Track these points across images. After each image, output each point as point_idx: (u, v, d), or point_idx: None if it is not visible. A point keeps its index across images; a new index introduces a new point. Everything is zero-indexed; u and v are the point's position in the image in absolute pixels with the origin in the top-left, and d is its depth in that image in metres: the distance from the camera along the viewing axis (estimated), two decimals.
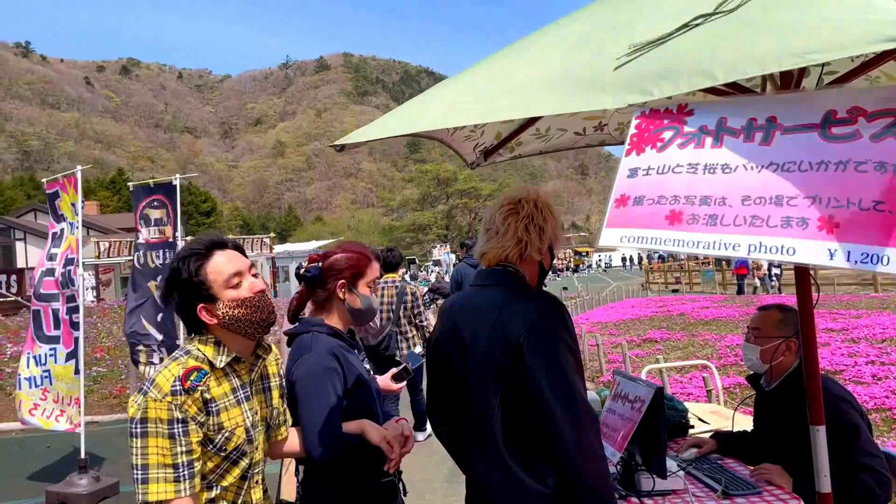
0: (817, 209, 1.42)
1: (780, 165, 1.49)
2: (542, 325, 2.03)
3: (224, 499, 2.00)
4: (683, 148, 1.63)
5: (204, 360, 1.97)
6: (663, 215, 1.62)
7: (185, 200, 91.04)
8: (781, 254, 1.44)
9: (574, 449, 1.95)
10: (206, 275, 1.94)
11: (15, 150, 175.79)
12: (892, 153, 1.38)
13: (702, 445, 3.27)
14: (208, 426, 1.91)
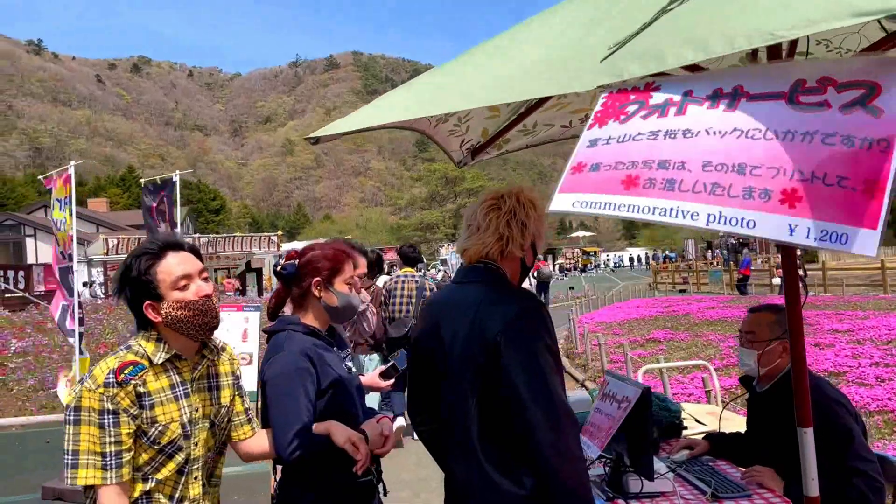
0: (781, 181, 1.35)
1: (745, 132, 1.42)
2: (521, 324, 1.99)
3: (161, 492, 2.05)
4: (647, 119, 1.56)
5: (144, 355, 2.03)
6: (619, 180, 1.54)
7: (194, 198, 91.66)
8: (741, 226, 1.37)
9: (551, 450, 1.91)
10: (155, 274, 2.02)
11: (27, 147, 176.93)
12: (860, 127, 1.32)
13: (694, 447, 3.22)
14: (142, 419, 1.98)
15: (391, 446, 2.45)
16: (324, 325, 2.52)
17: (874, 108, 1.32)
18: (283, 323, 2.47)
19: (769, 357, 2.97)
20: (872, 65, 1.37)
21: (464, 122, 3.02)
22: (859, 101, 1.33)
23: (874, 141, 1.30)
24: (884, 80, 1.33)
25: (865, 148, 1.30)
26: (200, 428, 2.14)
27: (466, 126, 3.07)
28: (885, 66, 1.35)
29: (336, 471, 2.32)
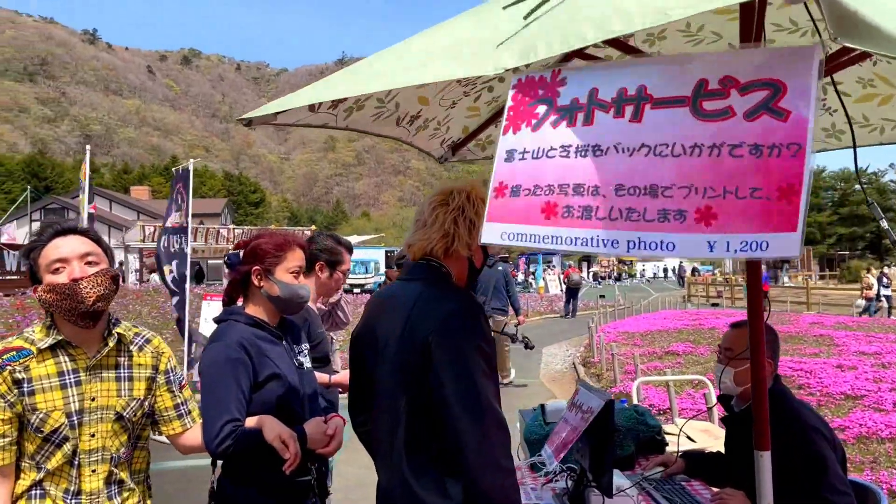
0: (694, 200, 1.31)
1: (653, 148, 1.36)
2: (454, 324, 1.90)
3: (54, 483, 2.01)
4: (556, 127, 1.51)
5: (32, 341, 2.01)
6: (539, 208, 1.52)
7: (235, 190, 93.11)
8: (661, 249, 1.34)
9: (475, 459, 1.81)
10: (37, 258, 2.01)
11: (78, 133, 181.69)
12: (767, 133, 1.24)
13: (669, 464, 3.09)
14: (23, 406, 1.95)
15: (336, 446, 2.38)
16: (271, 316, 2.46)
17: (779, 111, 1.24)
18: (227, 313, 2.43)
19: (746, 376, 2.83)
20: (776, 59, 1.28)
21: (443, 124, 2.95)
22: (763, 105, 1.26)
23: (783, 146, 1.22)
24: (788, 79, 1.24)
25: (775, 155, 1.23)
26: (98, 419, 2.06)
27: (446, 127, 2.99)
28: (788, 61, 1.26)
29: (271, 468, 2.27)
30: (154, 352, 2.24)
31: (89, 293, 1.96)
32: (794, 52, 1.26)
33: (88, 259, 2.02)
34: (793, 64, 1.25)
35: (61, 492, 2.00)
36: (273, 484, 2.30)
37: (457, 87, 2.62)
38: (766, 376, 2.81)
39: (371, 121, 2.57)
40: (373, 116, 2.55)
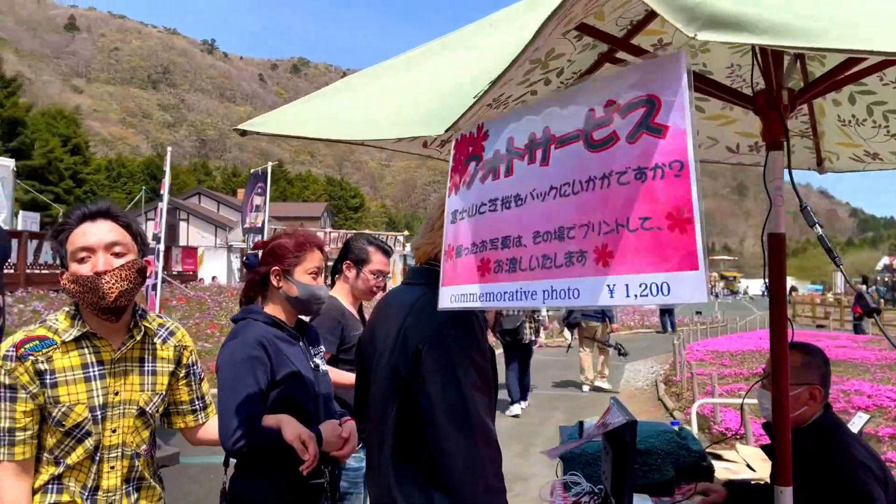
0: (592, 238, 1.23)
1: (559, 189, 1.31)
2: (446, 333, 1.83)
3: (73, 478, 1.94)
4: (484, 182, 1.50)
5: (56, 331, 1.93)
6: (475, 266, 1.51)
7: (335, 195, 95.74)
8: (569, 297, 1.27)
9: (462, 473, 1.74)
10: (64, 242, 1.92)
11: (194, 138, 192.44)
12: (648, 154, 1.13)
13: (709, 493, 2.89)
14: (46, 398, 1.88)
15: (350, 450, 2.36)
16: (289, 316, 2.46)
17: (657, 127, 1.13)
18: (245, 312, 2.45)
19: (792, 404, 2.61)
20: (648, 73, 1.17)
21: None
22: (642, 124, 1.15)
23: (665, 166, 1.11)
24: (660, 91, 1.13)
25: (659, 177, 1.12)
26: (119, 414, 1.99)
27: None
28: (659, 74, 1.15)
29: (285, 468, 2.27)
30: (177, 345, 2.18)
31: (112, 288, 1.87)
32: (662, 63, 1.15)
33: (115, 249, 1.92)
34: (663, 75, 1.14)
35: (79, 487, 1.94)
36: (286, 485, 2.29)
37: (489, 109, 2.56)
38: (808, 404, 2.60)
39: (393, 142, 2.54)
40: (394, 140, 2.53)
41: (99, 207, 1.96)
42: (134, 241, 1.98)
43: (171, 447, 6.51)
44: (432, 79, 1.70)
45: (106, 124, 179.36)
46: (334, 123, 1.81)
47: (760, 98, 1.88)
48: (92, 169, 60.45)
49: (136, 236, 2.00)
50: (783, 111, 1.86)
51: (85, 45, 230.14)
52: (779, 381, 1.94)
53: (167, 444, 6.62)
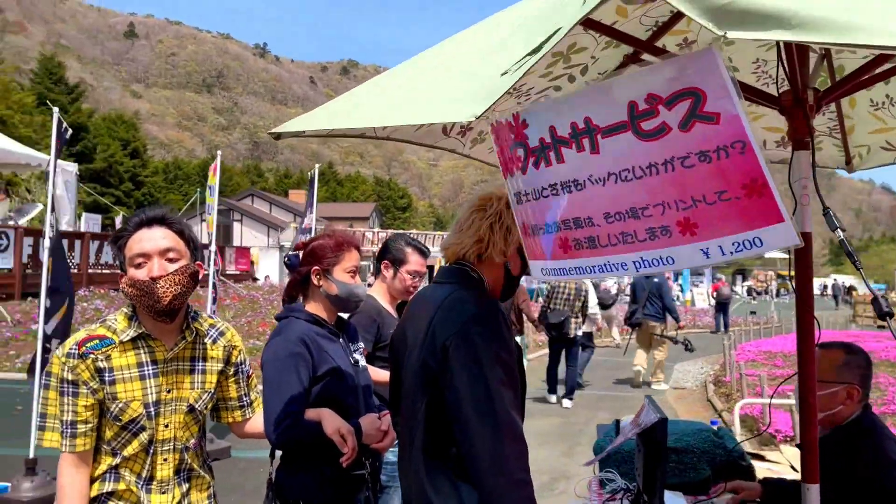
0: (671, 215, 1.34)
1: (618, 175, 1.40)
2: (472, 330, 1.87)
3: (129, 468, 2.06)
4: (538, 168, 1.57)
5: (114, 331, 2.05)
6: (557, 244, 1.60)
7: (384, 195, 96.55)
8: (665, 264, 1.39)
9: (488, 467, 1.78)
10: (123, 248, 2.03)
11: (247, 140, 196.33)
12: (706, 139, 1.24)
13: (740, 491, 2.89)
14: (105, 394, 2.00)
15: (390, 442, 2.44)
16: (329, 314, 2.56)
17: (709, 115, 1.23)
18: (287, 310, 2.55)
19: (829, 401, 2.60)
20: (684, 67, 1.25)
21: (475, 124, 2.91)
22: (692, 114, 1.25)
23: (728, 147, 1.21)
24: (702, 84, 1.23)
25: (724, 157, 1.22)
26: (171, 410, 2.10)
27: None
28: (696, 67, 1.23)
29: (327, 460, 2.36)
30: (227, 345, 2.28)
31: (166, 293, 1.98)
32: (696, 58, 1.23)
33: (169, 255, 2.02)
34: (700, 68, 1.22)
35: (134, 476, 2.06)
36: (329, 476, 2.38)
37: (508, 98, 2.61)
38: (845, 403, 2.58)
39: (413, 132, 2.60)
40: (416, 128, 2.59)
41: (154, 214, 2.07)
42: (187, 246, 2.09)
43: (224, 441, 6.73)
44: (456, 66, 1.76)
45: (163, 128, 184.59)
46: (358, 113, 1.88)
47: (785, 98, 1.89)
48: (150, 171, 62.29)
49: (189, 241, 2.11)
50: (809, 111, 1.86)
51: (143, 51, 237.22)
52: (805, 379, 1.95)
53: (220, 438, 6.84)
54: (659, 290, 11.19)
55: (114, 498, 2.05)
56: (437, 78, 1.76)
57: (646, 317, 11.26)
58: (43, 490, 5.08)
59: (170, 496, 2.10)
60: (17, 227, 14.93)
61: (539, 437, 7.89)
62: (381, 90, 1.95)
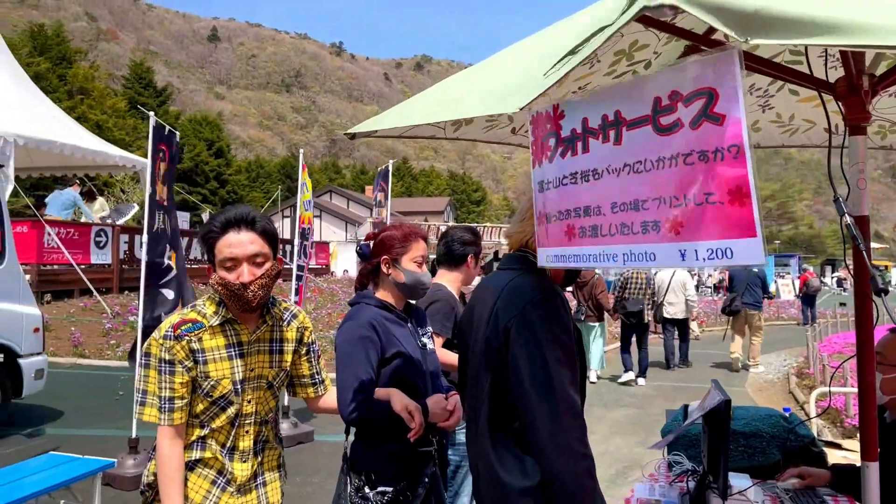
0: (664, 210, 1.42)
1: (632, 167, 1.49)
2: (533, 312, 1.99)
3: (215, 439, 2.27)
4: (564, 157, 1.67)
5: (204, 315, 2.25)
6: (563, 231, 1.71)
7: (458, 189, 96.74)
8: (646, 260, 1.47)
9: (548, 443, 1.89)
10: (212, 248, 2.19)
11: (325, 138, 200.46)
12: (709, 139, 1.32)
13: (806, 476, 2.90)
14: (198, 373, 2.20)
15: (455, 421, 2.59)
16: (397, 300, 2.73)
17: (716, 116, 1.31)
18: (359, 296, 2.74)
19: (893, 385, 2.60)
20: (706, 68, 1.33)
21: None
22: (703, 113, 1.33)
23: (724, 149, 1.30)
24: (718, 85, 1.30)
25: (719, 159, 1.30)
26: (254, 387, 2.30)
27: None
28: (716, 69, 1.31)
29: (396, 437, 2.54)
30: (299, 326, 2.46)
31: (255, 296, 2.17)
32: (719, 59, 1.29)
33: (257, 260, 2.18)
34: (720, 70, 1.29)
35: (219, 446, 2.27)
36: (397, 452, 2.54)
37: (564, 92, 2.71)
38: None
39: (483, 132, 2.73)
40: (484, 129, 2.72)
41: (241, 215, 2.20)
42: (270, 245, 2.23)
43: (307, 426, 7.06)
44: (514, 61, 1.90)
45: (245, 128, 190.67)
46: (418, 111, 2.04)
47: (840, 85, 1.93)
48: (233, 170, 64.45)
49: (272, 240, 2.25)
50: (864, 97, 1.90)
51: (226, 54, 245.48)
52: (863, 358, 1.99)
53: (304, 423, 7.18)
54: (761, 280, 12.09)
55: (200, 464, 2.26)
56: (494, 76, 1.89)
57: (745, 305, 11.95)
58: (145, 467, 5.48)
59: (249, 464, 2.32)
60: (114, 225, 15.85)
61: (615, 427, 7.91)
62: (444, 90, 2.09)
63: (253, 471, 2.33)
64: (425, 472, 2.61)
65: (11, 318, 6.67)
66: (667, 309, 12.17)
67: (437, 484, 2.65)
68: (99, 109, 43.22)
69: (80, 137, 12.48)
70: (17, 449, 6.22)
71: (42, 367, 7.06)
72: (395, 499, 2.49)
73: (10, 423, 6.91)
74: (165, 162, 5.93)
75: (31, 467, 4.40)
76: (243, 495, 2.31)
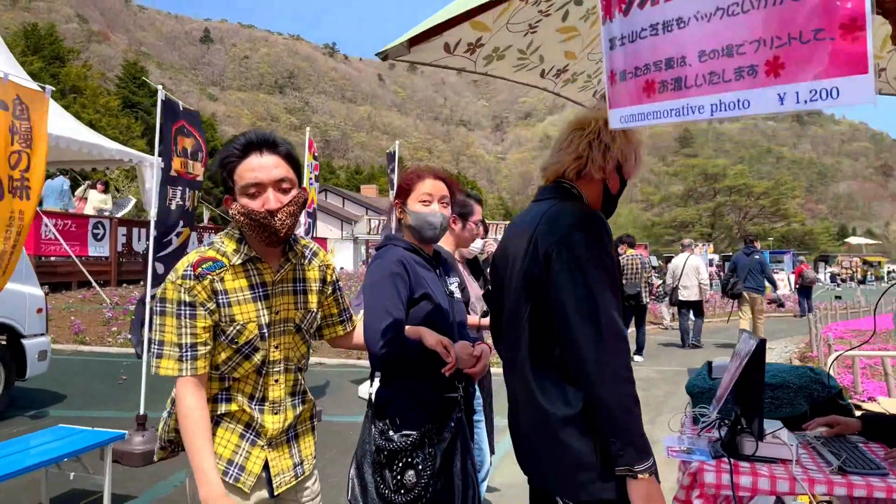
0: (763, 53, 1.33)
1: (726, 10, 1.39)
2: (574, 236, 1.93)
3: (240, 391, 2.08)
4: (643, 7, 1.56)
5: (224, 254, 2.03)
6: (641, 88, 1.59)
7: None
8: (738, 108, 1.37)
9: (593, 366, 1.83)
10: (231, 173, 2.00)
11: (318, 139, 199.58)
12: None
13: (835, 425, 2.86)
14: (221, 316, 1.99)
15: (482, 368, 2.54)
16: (420, 244, 2.69)
17: None
18: (386, 238, 2.70)
19: None
20: None
21: (594, 77, 2.96)
22: None
23: None
24: None
25: None
26: (280, 331, 2.12)
27: (598, 79, 3.00)
28: None
29: (423, 380, 2.49)
30: (321, 264, 2.29)
31: (283, 224, 1.99)
32: None
33: (283, 185, 2.00)
34: None
35: (246, 398, 2.08)
36: (425, 395, 2.51)
37: None
38: None
39: (513, 71, 2.68)
40: (515, 67, 2.66)
41: (264, 136, 2.02)
42: (296, 172, 2.07)
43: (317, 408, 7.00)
44: None
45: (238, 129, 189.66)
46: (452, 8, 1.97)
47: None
48: None
49: (297, 165, 2.08)
50: None
51: (218, 55, 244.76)
52: None
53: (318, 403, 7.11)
54: (761, 266, 12.67)
55: (226, 418, 2.08)
56: None
57: (746, 289, 12.53)
58: (154, 443, 5.43)
59: (282, 416, 2.14)
60: (112, 217, 15.75)
61: None
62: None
63: (286, 424, 2.15)
64: (451, 416, 2.57)
65: (14, 298, 6.59)
66: (681, 292, 13.09)
67: (464, 430, 2.61)
68: (92, 108, 43.06)
69: (77, 131, 12.41)
70: (21, 429, 6.14)
71: (45, 348, 6.99)
72: (421, 441, 2.44)
73: (13, 405, 6.84)
74: (191, 138, 5.91)
75: (41, 438, 4.34)
76: (275, 449, 2.13)
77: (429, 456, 2.42)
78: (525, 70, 2.71)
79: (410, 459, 2.42)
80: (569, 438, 1.92)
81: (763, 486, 2.38)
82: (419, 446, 2.43)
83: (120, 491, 4.72)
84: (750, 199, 71.35)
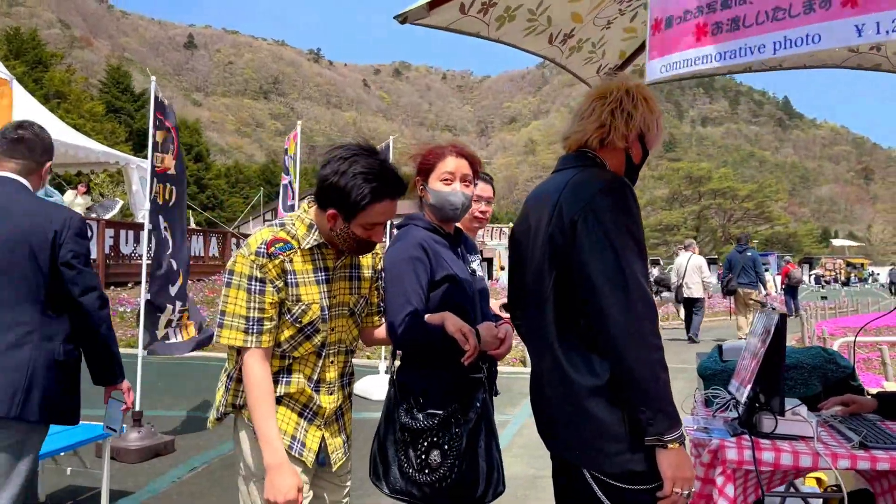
0: None
1: None
2: (600, 202, 1.88)
3: (299, 371, 2.18)
4: None
5: (295, 237, 2.14)
6: (690, 32, 1.54)
7: None
8: (807, 44, 1.32)
9: (620, 335, 1.79)
10: (363, 209, 2.05)
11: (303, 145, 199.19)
12: None
13: (850, 403, 2.84)
14: (288, 295, 2.10)
15: (506, 350, 2.48)
16: (440, 223, 2.61)
17: None
18: (406, 218, 2.62)
19: None
20: None
21: (598, 47, 2.95)
22: None
23: None
24: None
25: None
26: (337, 314, 2.23)
27: (602, 51, 2.99)
28: None
29: (446, 361, 2.44)
30: (373, 252, 2.37)
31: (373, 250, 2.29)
32: None
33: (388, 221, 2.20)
34: None
35: (305, 378, 2.18)
36: (448, 377, 2.44)
37: (612, 4, 2.64)
38: None
39: (522, 35, 2.65)
40: (524, 31, 2.63)
41: (403, 187, 2.18)
42: None
43: None
44: None
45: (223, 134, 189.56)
46: None
47: None
48: (213, 175, 64.02)
49: None
50: None
51: (202, 61, 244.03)
52: None
53: None
54: (753, 263, 13.13)
55: (286, 398, 2.17)
56: None
57: (740, 285, 13.00)
58: (150, 440, 5.34)
59: (335, 397, 2.26)
60: (99, 219, 15.55)
61: None
62: None
63: (339, 403, 2.28)
64: (476, 397, 2.52)
65: None
66: (685, 290, 13.74)
67: (489, 411, 2.56)
68: (76, 113, 42.66)
69: (63, 133, 12.27)
70: None
71: None
72: (447, 421, 2.39)
73: None
74: (163, 130, 5.79)
75: None
76: (328, 428, 2.26)
77: (455, 436, 2.37)
78: (534, 34, 2.68)
79: (436, 439, 2.37)
80: (596, 409, 1.87)
81: (786, 462, 2.36)
82: (445, 426, 2.38)
83: (116, 487, 4.62)
84: (734, 202, 71.96)
